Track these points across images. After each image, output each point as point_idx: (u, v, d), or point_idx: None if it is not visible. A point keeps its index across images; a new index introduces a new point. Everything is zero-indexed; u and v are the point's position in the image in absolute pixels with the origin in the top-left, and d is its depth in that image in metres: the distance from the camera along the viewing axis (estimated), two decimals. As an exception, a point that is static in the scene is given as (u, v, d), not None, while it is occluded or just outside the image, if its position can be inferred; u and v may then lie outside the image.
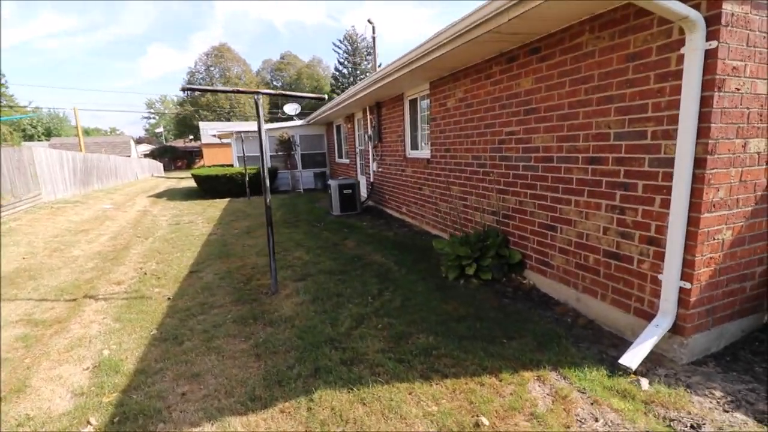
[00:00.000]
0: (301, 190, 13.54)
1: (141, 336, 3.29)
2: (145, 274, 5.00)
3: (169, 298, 4.11)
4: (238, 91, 3.67)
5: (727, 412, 2.16)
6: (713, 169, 2.48)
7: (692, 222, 2.57)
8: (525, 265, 4.17)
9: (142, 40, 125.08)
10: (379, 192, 9.01)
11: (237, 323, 3.43)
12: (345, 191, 8.36)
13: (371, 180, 9.37)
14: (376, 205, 9.28)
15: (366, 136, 9.04)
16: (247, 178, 11.84)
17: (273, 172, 13.49)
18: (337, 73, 49.72)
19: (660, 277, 2.76)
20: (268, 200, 4.02)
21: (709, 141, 2.43)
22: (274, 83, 57.55)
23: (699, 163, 2.49)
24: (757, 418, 2.10)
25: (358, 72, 48.36)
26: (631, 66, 2.86)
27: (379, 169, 8.76)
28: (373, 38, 12.79)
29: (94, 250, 6.37)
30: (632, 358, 2.58)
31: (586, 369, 2.58)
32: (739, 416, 2.12)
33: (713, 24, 2.34)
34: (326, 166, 14.99)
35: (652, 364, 2.65)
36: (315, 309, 3.62)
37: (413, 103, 6.88)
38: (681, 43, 2.51)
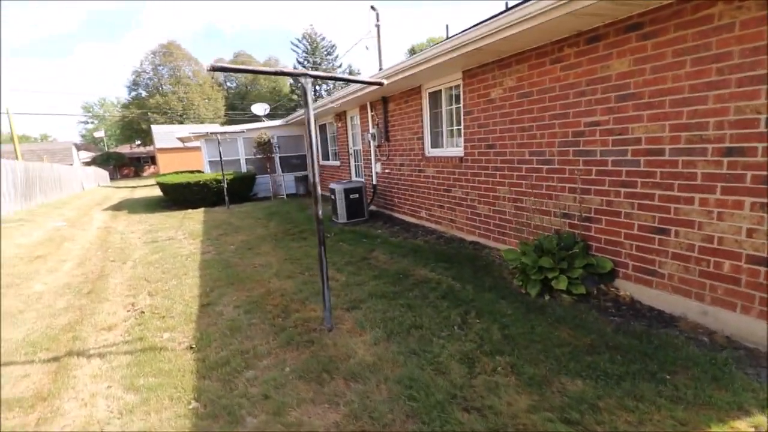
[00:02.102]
0: (284, 196, 12.46)
1: (176, 413, 2.35)
2: (142, 312, 3.94)
3: (191, 347, 3.15)
4: (284, 73, 2.83)
5: None
6: None
7: None
8: (617, 274, 3.65)
9: (70, 39, 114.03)
10: (384, 195, 8.27)
11: (305, 380, 2.59)
12: (352, 196, 7.53)
13: (374, 182, 8.61)
14: (381, 210, 8.54)
15: (368, 135, 8.27)
16: (226, 185, 10.62)
17: (251, 178, 12.29)
18: (297, 73, 47.99)
19: None
20: (319, 212, 3.18)
21: None
22: (228, 84, 54.57)
23: None
24: None
25: (318, 71, 46.88)
26: (800, 36, 2.38)
27: (386, 171, 8.02)
28: (377, 26, 11.99)
29: (61, 281, 5.11)
30: None
31: (797, 411, 2.06)
32: None
33: None
34: (307, 169, 13.99)
35: None
36: (399, 350, 2.85)
37: (434, 95, 6.22)
38: None
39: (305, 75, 2.87)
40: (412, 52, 45.52)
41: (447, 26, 14.71)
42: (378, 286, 4.13)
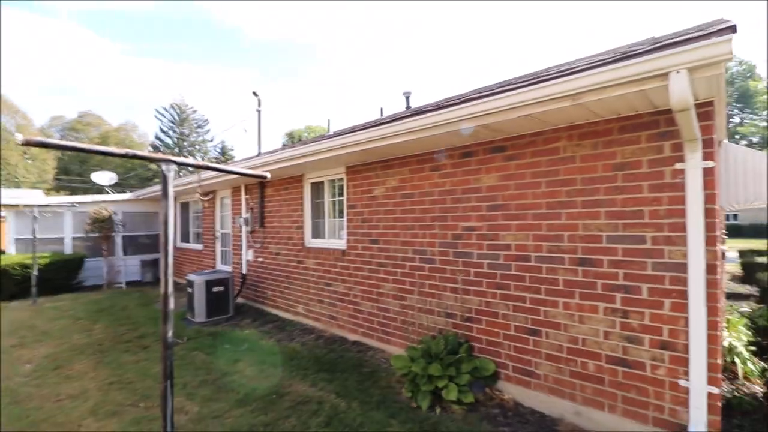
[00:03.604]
0: (123, 285, 10.10)
1: None
2: None
3: None
4: (138, 157, 2.23)
5: None
6: (720, 275, 2.63)
7: (711, 325, 2.61)
8: (499, 375, 3.67)
9: None
10: (256, 287, 7.37)
11: None
12: (215, 289, 6.45)
13: (243, 272, 7.68)
14: (251, 303, 7.53)
15: (240, 219, 7.53)
16: (36, 272, 8.09)
17: (77, 261, 9.76)
18: (159, 142, 44.00)
19: (683, 383, 2.68)
20: (169, 334, 2.40)
21: (717, 248, 2.59)
22: (65, 145, 46.07)
23: (711, 269, 2.60)
24: None
25: (185, 143, 43.95)
26: (620, 174, 2.98)
27: (258, 259, 7.26)
28: (258, 111, 11.64)
29: None
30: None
31: None
32: None
33: (708, 147, 2.63)
34: (160, 252, 11.91)
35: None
36: None
37: (317, 186, 6.09)
38: (674, 159, 2.73)
39: (168, 161, 2.30)
40: (290, 136, 46.78)
41: (329, 121, 15.70)
42: (244, 416, 3.28)
